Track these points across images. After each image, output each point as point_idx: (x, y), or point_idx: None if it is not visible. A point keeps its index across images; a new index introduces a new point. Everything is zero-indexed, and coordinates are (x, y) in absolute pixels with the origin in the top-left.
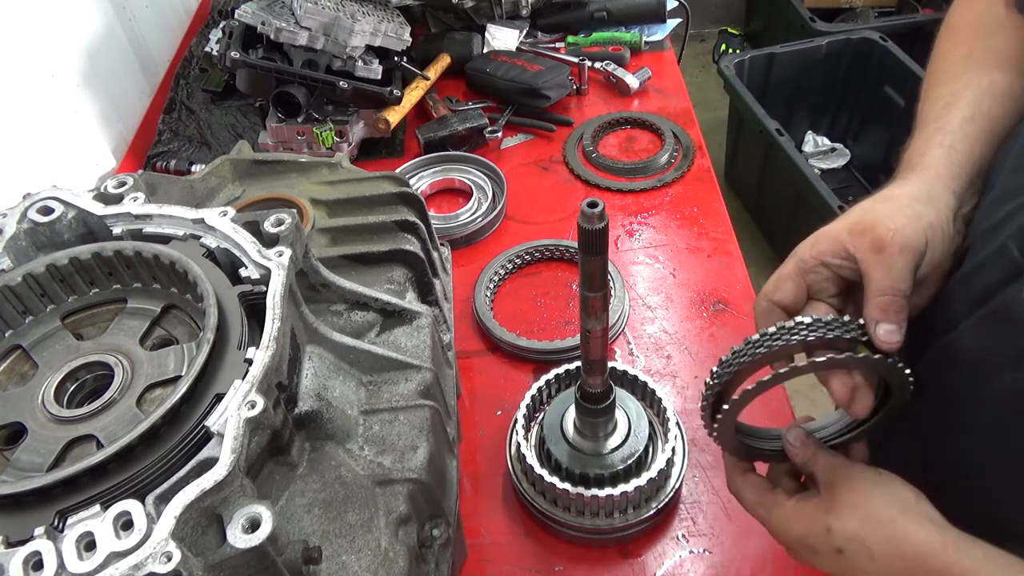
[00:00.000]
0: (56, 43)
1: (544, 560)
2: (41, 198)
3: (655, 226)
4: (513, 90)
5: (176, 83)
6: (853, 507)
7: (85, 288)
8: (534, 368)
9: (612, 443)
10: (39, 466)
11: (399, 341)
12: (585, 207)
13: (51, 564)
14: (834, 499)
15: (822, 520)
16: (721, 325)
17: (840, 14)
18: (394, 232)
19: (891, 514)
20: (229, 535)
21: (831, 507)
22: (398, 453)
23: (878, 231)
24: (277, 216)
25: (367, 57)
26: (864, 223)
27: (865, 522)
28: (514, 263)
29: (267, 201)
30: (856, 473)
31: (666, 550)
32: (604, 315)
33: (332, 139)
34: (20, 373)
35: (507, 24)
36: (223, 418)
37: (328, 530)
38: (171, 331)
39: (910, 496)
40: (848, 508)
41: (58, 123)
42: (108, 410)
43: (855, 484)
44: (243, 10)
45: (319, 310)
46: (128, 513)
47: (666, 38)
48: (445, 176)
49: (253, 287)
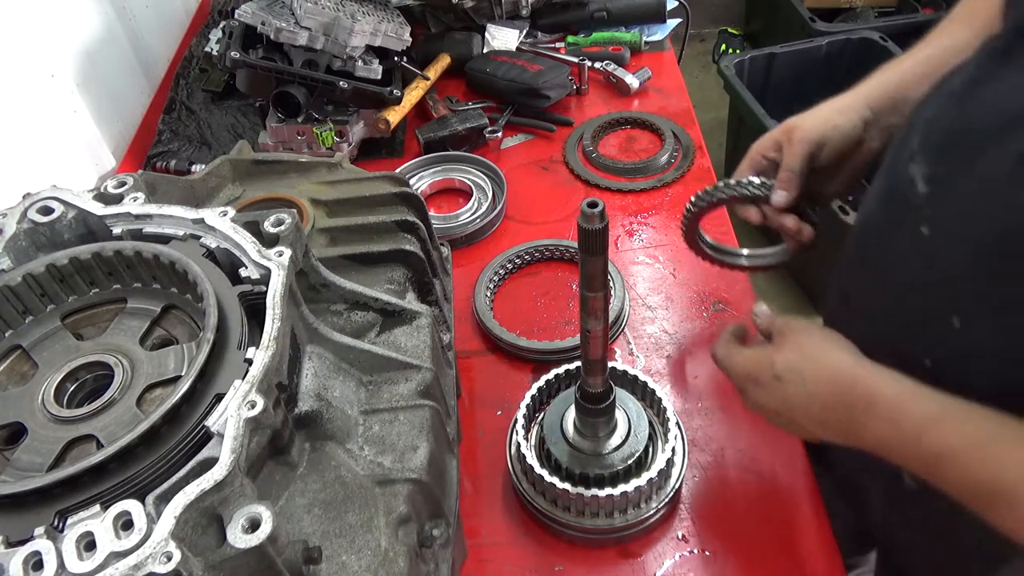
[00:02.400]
0: (56, 43)
1: (544, 560)
2: (41, 198)
3: (655, 226)
4: (513, 90)
5: (176, 83)
6: (796, 345)
7: (85, 288)
8: (534, 368)
9: (612, 443)
10: (39, 466)
11: (399, 341)
12: (585, 207)
13: (51, 564)
14: (783, 342)
15: (768, 357)
16: (721, 325)
17: (840, 14)
18: (394, 232)
19: (826, 348)
20: (229, 535)
21: (778, 348)
22: (398, 453)
23: (792, 129)
24: (277, 216)
25: (367, 57)
26: (789, 124)
27: (802, 354)
28: (514, 263)
29: (267, 201)
30: (804, 326)
31: (666, 550)
32: (604, 315)
33: (332, 139)
34: (20, 373)
35: (507, 24)
36: (223, 418)
37: (328, 530)
38: (171, 331)
39: (846, 343)
40: (791, 345)
41: (58, 123)
42: (108, 410)
43: (801, 332)
44: (243, 10)
45: (319, 310)
46: (128, 513)
47: (666, 38)
48: (445, 176)
49: (253, 287)
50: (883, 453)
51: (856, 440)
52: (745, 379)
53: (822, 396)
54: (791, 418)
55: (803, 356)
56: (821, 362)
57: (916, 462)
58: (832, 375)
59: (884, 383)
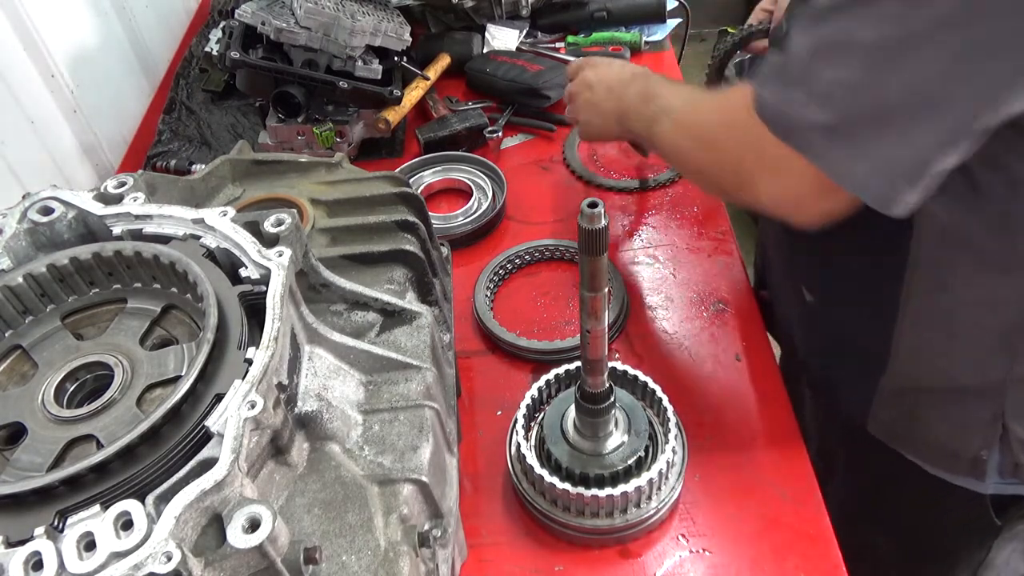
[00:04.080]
0: (56, 43)
1: (544, 560)
2: (41, 198)
3: (655, 226)
4: (513, 90)
5: (176, 83)
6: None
7: (85, 288)
8: (534, 368)
9: (612, 443)
10: (39, 466)
11: (399, 341)
12: (585, 207)
13: (51, 564)
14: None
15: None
16: (721, 325)
17: None
18: (394, 232)
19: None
20: (229, 535)
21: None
22: (398, 453)
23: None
24: (277, 216)
25: (367, 57)
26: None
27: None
28: (514, 263)
29: (267, 201)
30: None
31: (666, 550)
32: (604, 315)
33: (332, 139)
34: (20, 373)
35: (507, 24)
36: (223, 418)
37: (328, 530)
38: (171, 331)
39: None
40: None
41: (58, 123)
42: (108, 410)
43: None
44: (243, 10)
45: (319, 310)
46: (128, 513)
47: (666, 38)
48: (445, 176)
49: (253, 287)
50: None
51: (618, 102)
52: (583, 63)
53: (619, 71)
54: (600, 87)
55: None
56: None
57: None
58: (631, 65)
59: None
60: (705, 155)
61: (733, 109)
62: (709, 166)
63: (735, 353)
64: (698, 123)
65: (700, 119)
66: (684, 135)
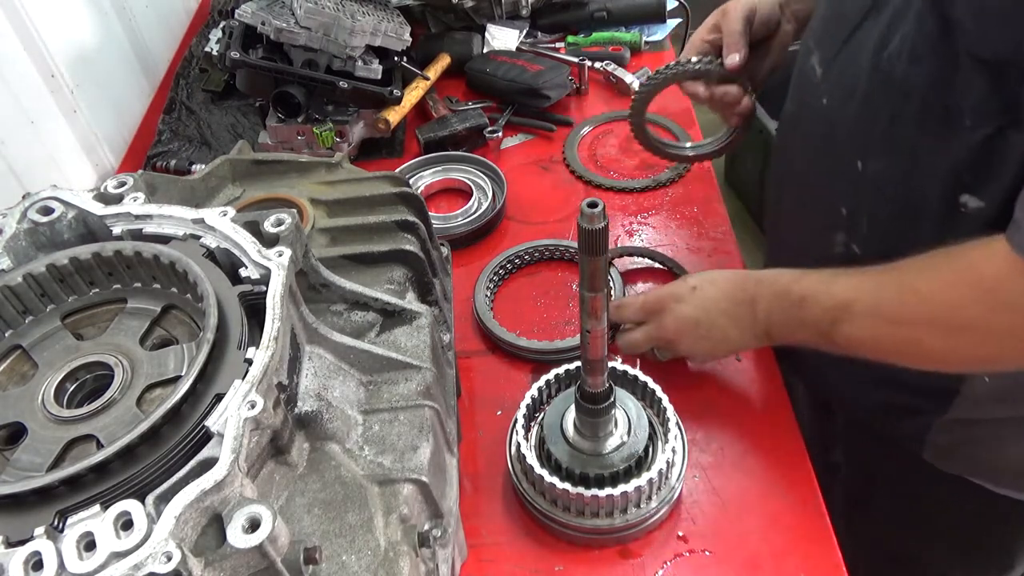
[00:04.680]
0: (56, 43)
1: (544, 560)
2: (41, 198)
3: (655, 226)
4: (513, 90)
5: (176, 83)
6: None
7: (85, 288)
8: (534, 368)
9: (612, 443)
10: (39, 466)
11: (399, 341)
12: (585, 207)
13: (51, 564)
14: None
15: (679, 282)
16: None
17: None
18: (394, 232)
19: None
20: (229, 535)
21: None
22: (398, 453)
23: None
24: (277, 216)
25: (367, 57)
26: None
27: (702, 275)
28: (514, 263)
29: (267, 201)
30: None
31: (666, 550)
32: (604, 315)
33: (332, 139)
34: (20, 373)
35: (507, 24)
36: (223, 418)
37: (328, 530)
38: (171, 331)
39: None
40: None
41: (58, 123)
42: (108, 410)
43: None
44: (243, 10)
45: (319, 310)
46: (128, 513)
47: (666, 38)
48: (445, 176)
49: (253, 287)
50: (774, 327)
51: (752, 321)
52: (665, 300)
53: (729, 291)
54: (711, 320)
55: (703, 275)
56: (722, 272)
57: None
58: (733, 275)
59: (768, 271)
60: (953, 340)
61: (987, 278)
62: (960, 348)
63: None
64: (930, 309)
65: (931, 303)
66: (904, 327)
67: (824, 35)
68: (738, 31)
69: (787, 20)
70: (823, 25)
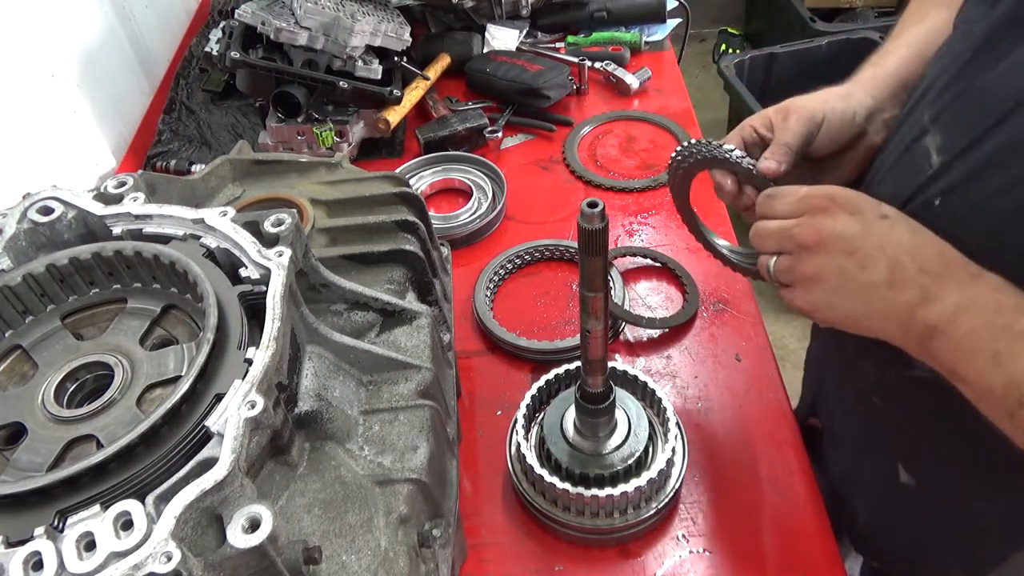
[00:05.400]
0: (56, 43)
1: (544, 560)
2: (41, 198)
3: (655, 226)
4: (513, 90)
5: (176, 83)
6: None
7: (85, 288)
8: (534, 368)
9: (612, 443)
10: (39, 466)
11: (399, 341)
12: (585, 207)
13: (51, 564)
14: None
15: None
16: (721, 325)
17: (840, 14)
18: (394, 232)
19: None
20: (229, 535)
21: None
22: (398, 453)
23: (789, 106)
24: (277, 216)
25: (367, 57)
26: (785, 103)
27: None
28: (514, 263)
29: (267, 201)
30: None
31: (666, 550)
32: (604, 315)
33: (332, 139)
34: (20, 373)
35: (507, 24)
36: (223, 418)
37: (328, 530)
38: (171, 331)
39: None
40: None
41: (58, 123)
42: (108, 410)
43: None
44: (243, 10)
45: (319, 310)
46: (128, 513)
47: (666, 38)
48: (445, 176)
49: (253, 287)
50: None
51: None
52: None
53: (925, 253)
54: (876, 267)
55: (901, 214)
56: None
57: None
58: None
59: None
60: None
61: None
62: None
63: (735, 353)
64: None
65: None
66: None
67: (954, 116)
68: (787, 143)
69: (876, 131)
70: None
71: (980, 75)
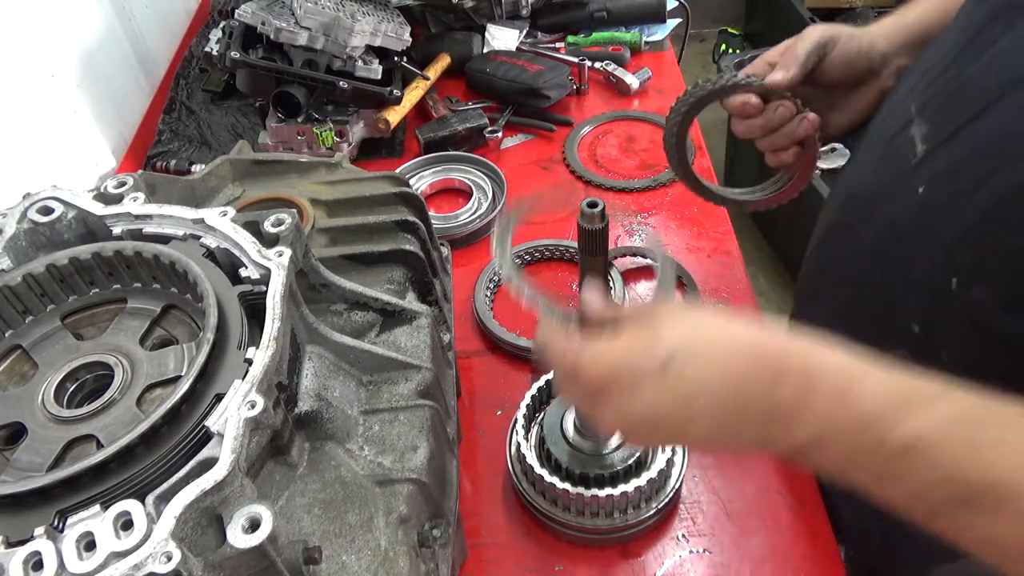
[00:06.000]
0: (56, 43)
1: (544, 560)
2: (41, 198)
3: (655, 226)
4: (513, 90)
5: (176, 83)
6: (682, 315)
7: (85, 288)
8: (534, 368)
9: (612, 443)
10: (39, 466)
11: (399, 341)
12: (585, 207)
13: (51, 564)
14: (655, 317)
15: (646, 333)
16: None
17: (840, 14)
18: (394, 232)
19: (722, 320)
20: (229, 535)
21: (653, 322)
22: (398, 453)
23: (805, 31)
24: (277, 216)
25: (367, 57)
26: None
27: (695, 329)
28: (514, 263)
29: (267, 201)
30: (666, 306)
31: (666, 550)
32: None
33: (332, 139)
34: (20, 373)
35: (507, 24)
36: (223, 418)
37: (328, 530)
38: (171, 331)
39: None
40: (673, 317)
41: (58, 123)
42: (108, 410)
43: (671, 309)
44: (243, 10)
45: (319, 310)
46: (128, 513)
47: (666, 38)
48: (445, 176)
49: (253, 287)
50: (820, 455)
51: (784, 437)
52: (616, 370)
53: (738, 375)
54: (688, 416)
55: (696, 331)
56: (728, 334)
57: (871, 460)
58: (750, 347)
59: (828, 353)
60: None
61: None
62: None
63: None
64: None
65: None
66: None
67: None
68: (798, 54)
69: (889, 75)
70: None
71: (968, 66)
